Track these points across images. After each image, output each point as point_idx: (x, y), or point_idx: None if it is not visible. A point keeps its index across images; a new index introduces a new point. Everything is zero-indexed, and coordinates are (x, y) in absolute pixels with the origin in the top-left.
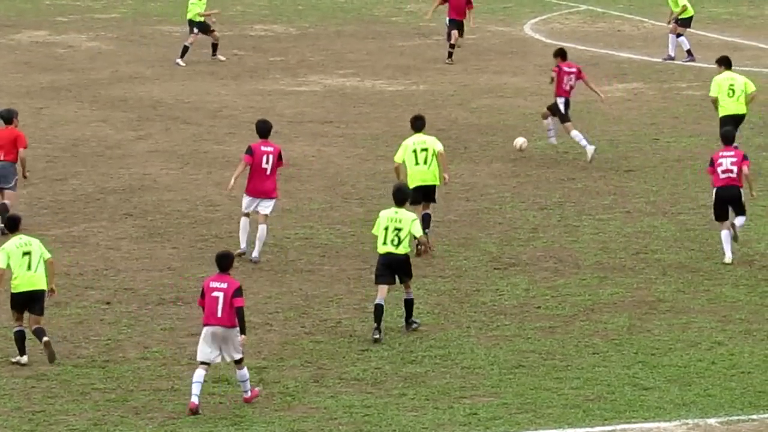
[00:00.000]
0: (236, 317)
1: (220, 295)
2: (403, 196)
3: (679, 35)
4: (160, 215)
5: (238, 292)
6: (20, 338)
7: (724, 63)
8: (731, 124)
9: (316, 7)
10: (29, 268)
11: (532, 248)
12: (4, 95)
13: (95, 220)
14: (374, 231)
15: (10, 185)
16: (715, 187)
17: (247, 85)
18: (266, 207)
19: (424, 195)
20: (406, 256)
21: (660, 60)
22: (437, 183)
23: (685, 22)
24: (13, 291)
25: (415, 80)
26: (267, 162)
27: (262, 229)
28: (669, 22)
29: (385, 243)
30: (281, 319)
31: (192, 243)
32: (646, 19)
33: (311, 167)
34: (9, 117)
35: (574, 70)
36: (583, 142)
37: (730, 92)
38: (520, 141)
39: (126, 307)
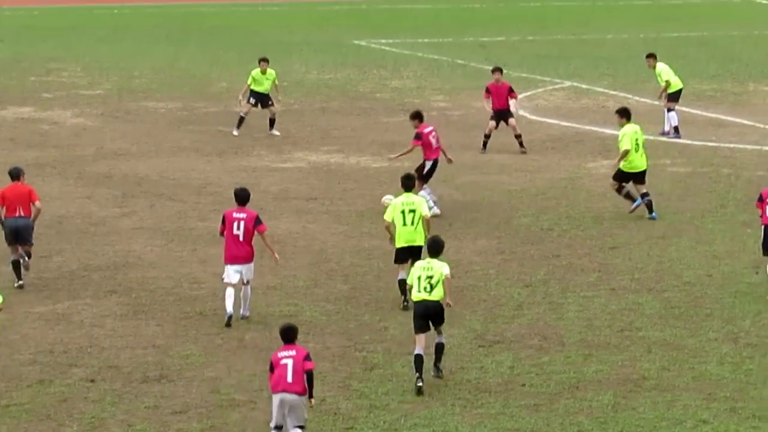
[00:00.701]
0: (306, 382)
1: (290, 362)
2: (439, 248)
3: (669, 110)
4: (145, 292)
5: (308, 357)
6: None
7: (626, 115)
8: (633, 179)
9: (301, 83)
10: None
11: (517, 325)
12: None
13: (80, 297)
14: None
15: (30, 242)
16: (763, 225)
17: (231, 162)
18: (246, 272)
19: (411, 254)
20: (439, 303)
21: (646, 137)
22: (423, 243)
23: (674, 96)
24: None
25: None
26: (238, 228)
27: (245, 289)
28: (660, 98)
29: (419, 291)
30: (265, 397)
31: (176, 320)
32: (630, 96)
33: (296, 244)
34: (18, 174)
35: (430, 129)
36: (431, 203)
37: (636, 147)
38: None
39: (110, 385)
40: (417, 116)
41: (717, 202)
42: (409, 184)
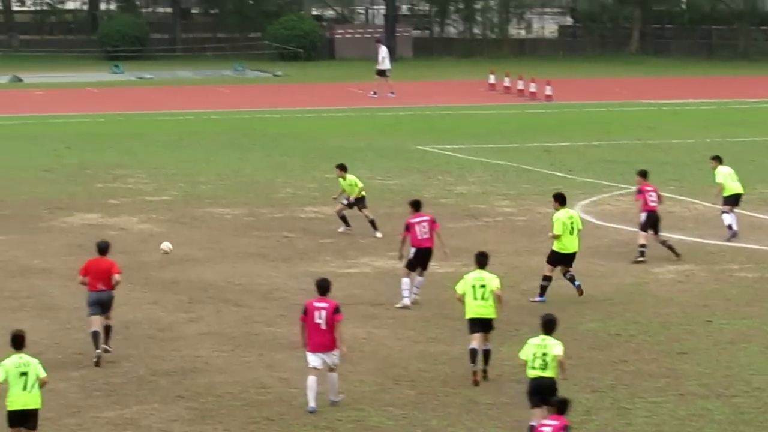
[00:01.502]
0: None
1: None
2: (553, 326)
3: (723, 212)
4: (212, 397)
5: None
6: None
7: (560, 200)
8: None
9: (366, 189)
10: (24, 388)
11: (585, 431)
12: (57, 277)
13: (147, 403)
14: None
15: (108, 313)
16: None
17: (297, 267)
18: (331, 360)
19: (481, 326)
20: (553, 380)
21: (712, 242)
22: (493, 316)
23: (729, 200)
24: (8, 408)
25: (466, 262)
26: (320, 317)
27: (332, 376)
28: (715, 200)
29: (533, 368)
30: None
31: (243, 425)
32: (698, 201)
33: (362, 349)
34: (105, 248)
35: (426, 218)
36: (406, 293)
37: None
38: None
39: None
40: (413, 205)
41: None
42: (482, 261)
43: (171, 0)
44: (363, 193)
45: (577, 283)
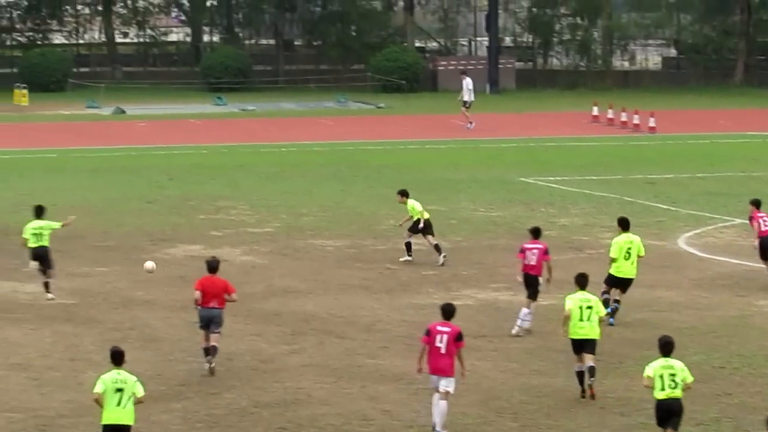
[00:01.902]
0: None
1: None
2: (672, 347)
3: None
4: (314, 429)
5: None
6: None
7: (622, 225)
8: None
9: (469, 221)
10: (119, 404)
11: None
12: (159, 309)
13: None
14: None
15: (219, 330)
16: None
17: (400, 299)
18: (445, 385)
19: (582, 347)
20: (680, 401)
21: None
22: (597, 338)
23: None
24: (102, 422)
25: (568, 294)
26: (441, 341)
27: (442, 405)
28: None
29: (662, 388)
30: None
31: None
32: None
33: (465, 381)
34: (215, 266)
35: (540, 246)
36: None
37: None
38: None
39: None
40: (532, 232)
41: None
42: (582, 282)
43: (274, 32)
44: (426, 218)
45: (609, 309)
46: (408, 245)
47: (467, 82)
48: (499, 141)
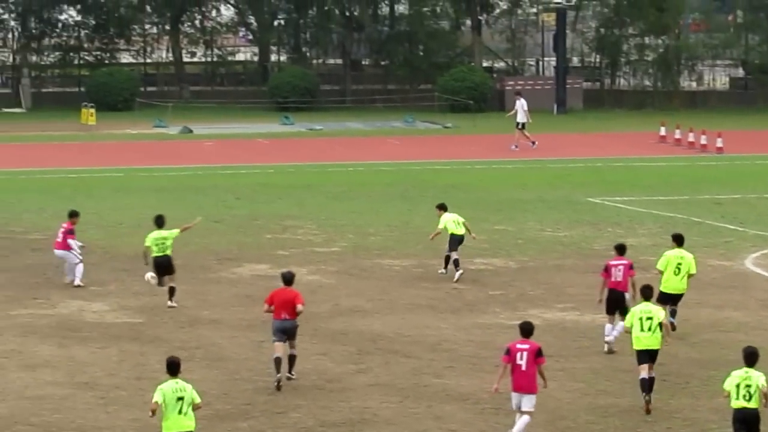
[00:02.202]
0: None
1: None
2: (755, 358)
3: None
4: None
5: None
6: None
7: (676, 240)
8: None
9: (536, 240)
10: (180, 412)
11: None
12: (225, 328)
13: None
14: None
15: (293, 342)
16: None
17: (466, 319)
18: (526, 403)
19: (649, 357)
20: (756, 411)
21: None
22: (659, 347)
23: None
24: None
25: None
26: (521, 359)
27: (524, 419)
28: None
29: (737, 398)
30: None
31: None
32: None
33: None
34: (291, 279)
35: (624, 263)
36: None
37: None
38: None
39: None
40: (617, 249)
41: None
42: (647, 294)
43: (341, 51)
44: (459, 234)
45: (671, 319)
46: (447, 259)
47: (521, 103)
48: (566, 161)
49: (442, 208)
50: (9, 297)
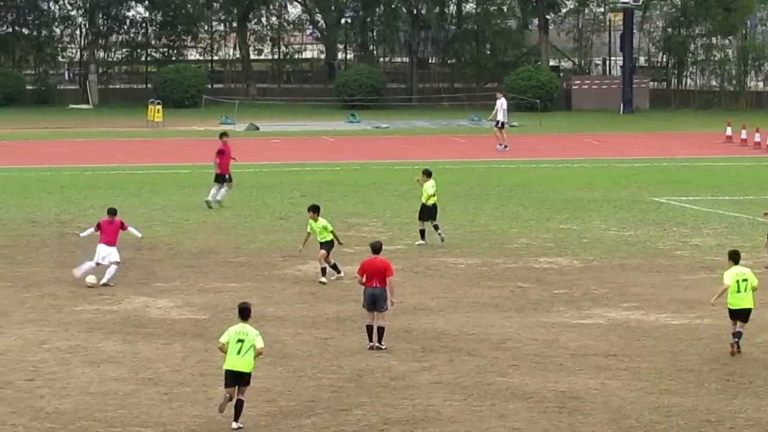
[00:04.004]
0: None
1: None
2: None
3: None
4: None
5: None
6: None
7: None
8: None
9: (601, 240)
10: (239, 353)
11: None
12: (290, 325)
13: None
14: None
15: (384, 308)
16: None
17: (530, 318)
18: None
19: (737, 315)
20: None
21: None
22: (752, 306)
23: None
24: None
25: (700, 314)
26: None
27: None
28: None
29: None
30: None
31: None
32: None
33: (594, 400)
34: (380, 247)
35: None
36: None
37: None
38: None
39: None
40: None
41: None
42: (736, 257)
43: (408, 50)
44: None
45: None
46: (334, 266)
47: (501, 103)
48: (632, 161)
49: (314, 210)
50: (74, 293)
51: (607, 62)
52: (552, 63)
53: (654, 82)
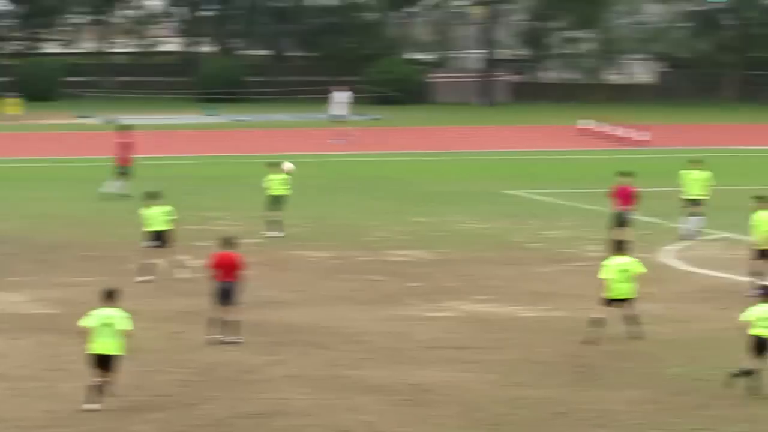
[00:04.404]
0: None
1: None
2: None
3: None
4: None
5: None
6: None
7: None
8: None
9: (456, 232)
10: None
11: None
12: (141, 319)
13: None
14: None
15: (234, 302)
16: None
17: (384, 311)
18: None
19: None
20: None
21: None
22: (633, 296)
23: None
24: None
25: (553, 306)
26: None
27: None
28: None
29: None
30: None
31: None
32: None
33: (445, 393)
34: (232, 241)
35: None
36: None
37: None
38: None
39: None
40: None
41: None
42: (621, 247)
43: (269, 43)
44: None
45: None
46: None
47: (339, 96)
48: (490, 154)
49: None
50: None
51: (468, 56)
52: (413, 56)
53: (515, 75)
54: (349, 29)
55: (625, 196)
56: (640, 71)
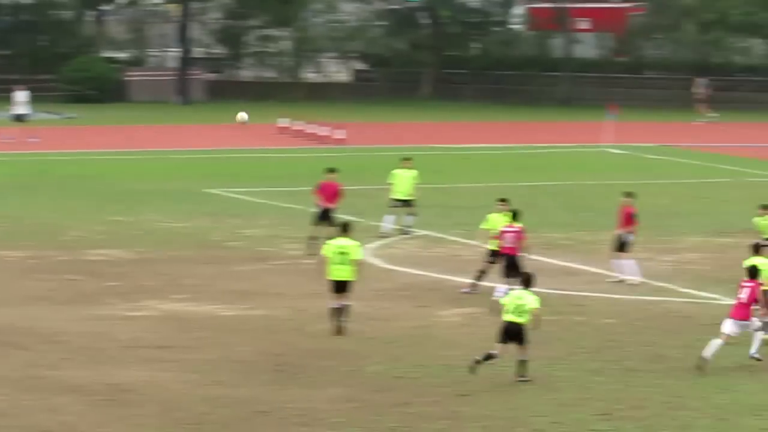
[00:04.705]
0: None
1: None
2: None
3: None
4: None
5: None
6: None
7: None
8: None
9: (154, 231)
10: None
11: None
12: None
13: None
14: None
15: None
16: None
17: (82, 310)
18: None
19: (339, 287)
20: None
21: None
22: (351, 279)
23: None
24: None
25: (252, 305)
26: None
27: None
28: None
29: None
30: None
31: None
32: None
33: (145, 392)
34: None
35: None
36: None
37: None
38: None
39: None
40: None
41: (566, 350)
42: (345, 229)
43: None
44: None
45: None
46: None
47: (19, 95)
48: (187, 152)
49: None
50: None
51: (163, 54)
52: (108, 54)
53: (211, 74)
54: (44, 27)
55: (330, 194)
56: (337, 70)
